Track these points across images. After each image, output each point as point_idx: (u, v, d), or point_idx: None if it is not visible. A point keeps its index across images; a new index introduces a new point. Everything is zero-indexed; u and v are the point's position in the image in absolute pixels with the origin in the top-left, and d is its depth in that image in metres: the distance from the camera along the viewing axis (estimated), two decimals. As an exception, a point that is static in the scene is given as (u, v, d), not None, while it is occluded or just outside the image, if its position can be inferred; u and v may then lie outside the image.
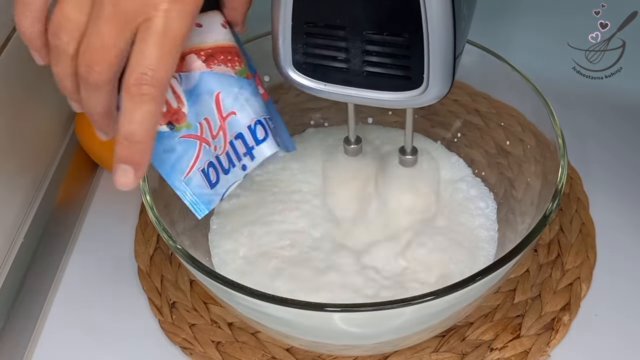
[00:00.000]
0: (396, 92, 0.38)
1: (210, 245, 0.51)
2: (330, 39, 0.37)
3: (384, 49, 0.37)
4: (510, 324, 0.49)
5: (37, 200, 0.55)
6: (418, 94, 0.38)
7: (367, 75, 0.38)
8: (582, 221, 0.55)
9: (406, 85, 0.38)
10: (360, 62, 0.38)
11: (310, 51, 0.38)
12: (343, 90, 0.39)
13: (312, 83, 0.39)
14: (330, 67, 0.39)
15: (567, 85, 0.62)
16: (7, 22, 0.50)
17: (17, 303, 0.50)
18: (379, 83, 0.38)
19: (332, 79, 0.39)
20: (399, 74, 0.37)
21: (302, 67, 0.39)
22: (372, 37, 0.36)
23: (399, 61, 0.37)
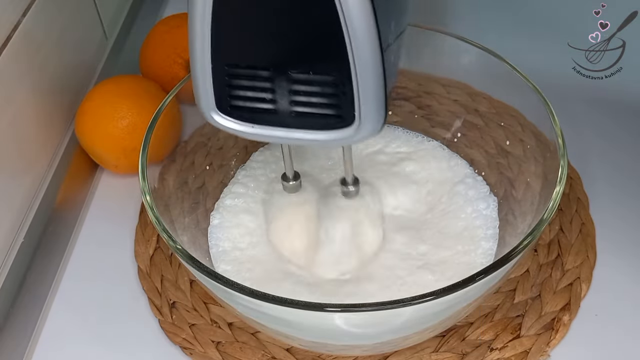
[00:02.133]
0: (328, 132, 0.36)
1: (209, 244, 0.51)
2: (253, 80, 0.36)
3: (311, 88, 0.35)
4: (510, 324, 0.49)
5: (37, 200, 0.55)
6: (351, 132, 0.36)
7: (296, 115, 0.36)
8: (582, 221, 0.55)
9: (338, 123, 0.36)
10: (288, 102, 0.36)
11: (234, 93, 0.36)
12: (273, 132, 0.37)
13: (238, 126, 0.37)
14: (256, 108, 0.36)
15: (567, 85, 0.62)
16: (7, 22, 0.50)
17: (17, 303, 0.50)
18: (310, 123, 0.36)
19: (259, 120, 0.37)
20: (330, 113, 0.36)
21: (226, 110, 0.37)
22: (298, 77, 0.35)
23: (328, 99, 0.35)
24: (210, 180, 0.55)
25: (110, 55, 0.68)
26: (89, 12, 0.65)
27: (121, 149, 0.57)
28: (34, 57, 0.54)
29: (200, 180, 0.54)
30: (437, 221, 0.51)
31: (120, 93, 0.58)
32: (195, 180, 0.53)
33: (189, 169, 0.53)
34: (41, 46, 0.56)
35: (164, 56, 0.62)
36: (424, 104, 0.58)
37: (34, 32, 0.54)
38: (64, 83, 0.60)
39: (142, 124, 0.56)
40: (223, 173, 0.56)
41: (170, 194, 0.49)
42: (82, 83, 0.64)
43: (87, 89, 0.63)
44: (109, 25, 0.69)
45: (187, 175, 0.52)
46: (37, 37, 0.55)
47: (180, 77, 0.61)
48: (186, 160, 0.53)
